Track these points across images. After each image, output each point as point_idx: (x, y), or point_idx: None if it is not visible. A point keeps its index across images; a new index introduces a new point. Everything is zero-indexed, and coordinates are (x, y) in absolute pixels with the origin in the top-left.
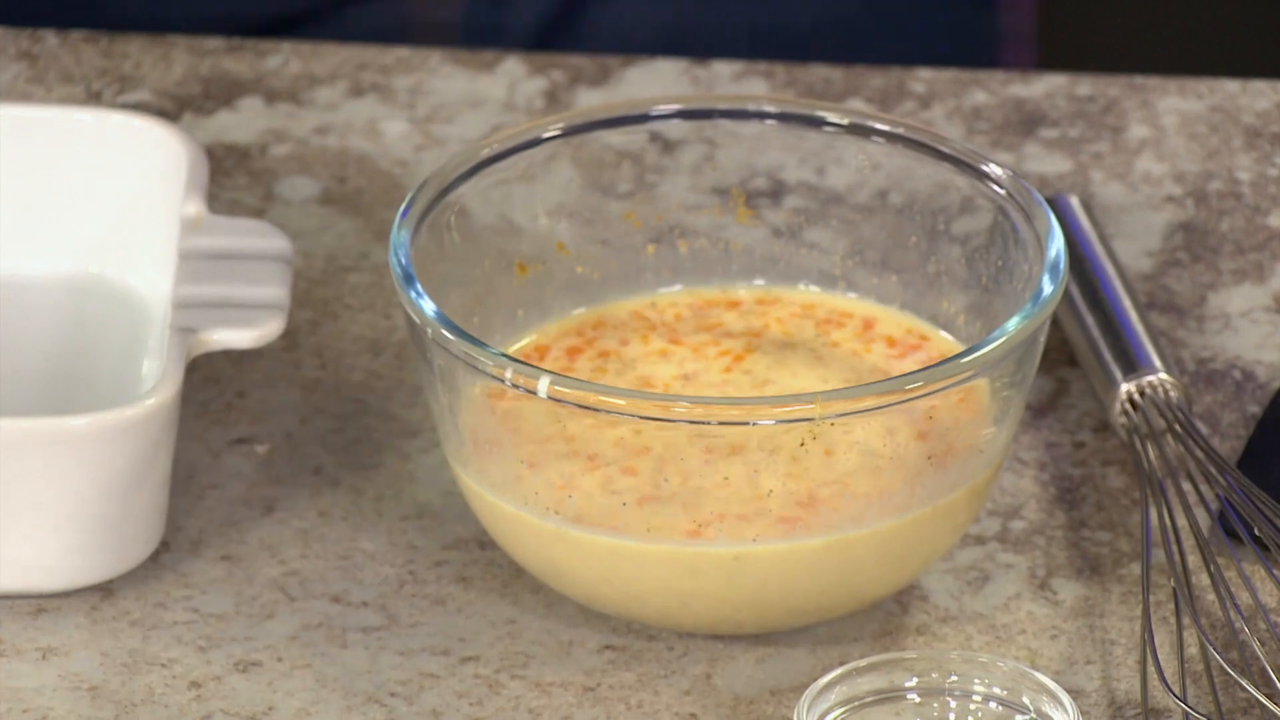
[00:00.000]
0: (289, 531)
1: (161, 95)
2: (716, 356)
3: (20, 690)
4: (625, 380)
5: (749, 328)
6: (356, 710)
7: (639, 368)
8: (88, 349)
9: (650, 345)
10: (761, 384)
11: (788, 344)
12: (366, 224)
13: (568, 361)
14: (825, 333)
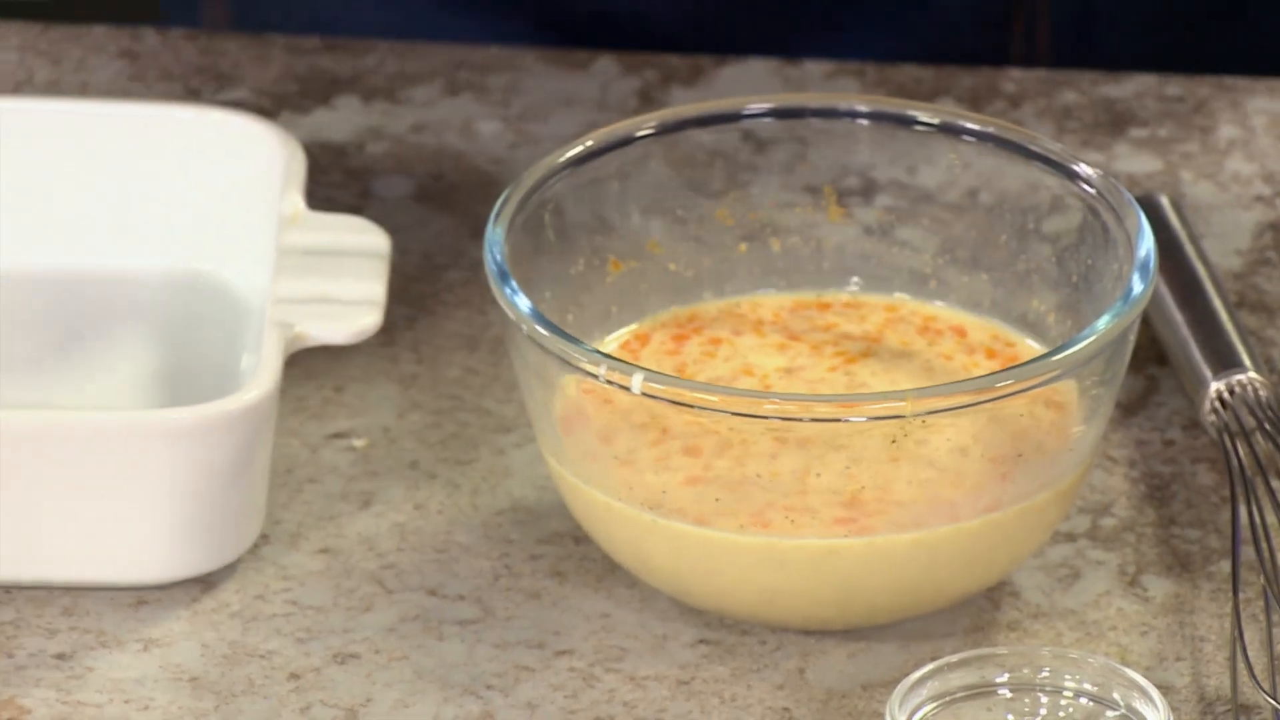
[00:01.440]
0: (386, 525)
1: (259, 93)
2: (831, 355)
3: (122, 681)
4: (730, 367)
5: (865, 333)
6: (453, 702)
7: (747, 356)
8: (188, 344)
9: (765, 338)
10: (857, 386)
11: (903, 353)
12: (462, 221)
13: (674, 345)
14: (934, 342)
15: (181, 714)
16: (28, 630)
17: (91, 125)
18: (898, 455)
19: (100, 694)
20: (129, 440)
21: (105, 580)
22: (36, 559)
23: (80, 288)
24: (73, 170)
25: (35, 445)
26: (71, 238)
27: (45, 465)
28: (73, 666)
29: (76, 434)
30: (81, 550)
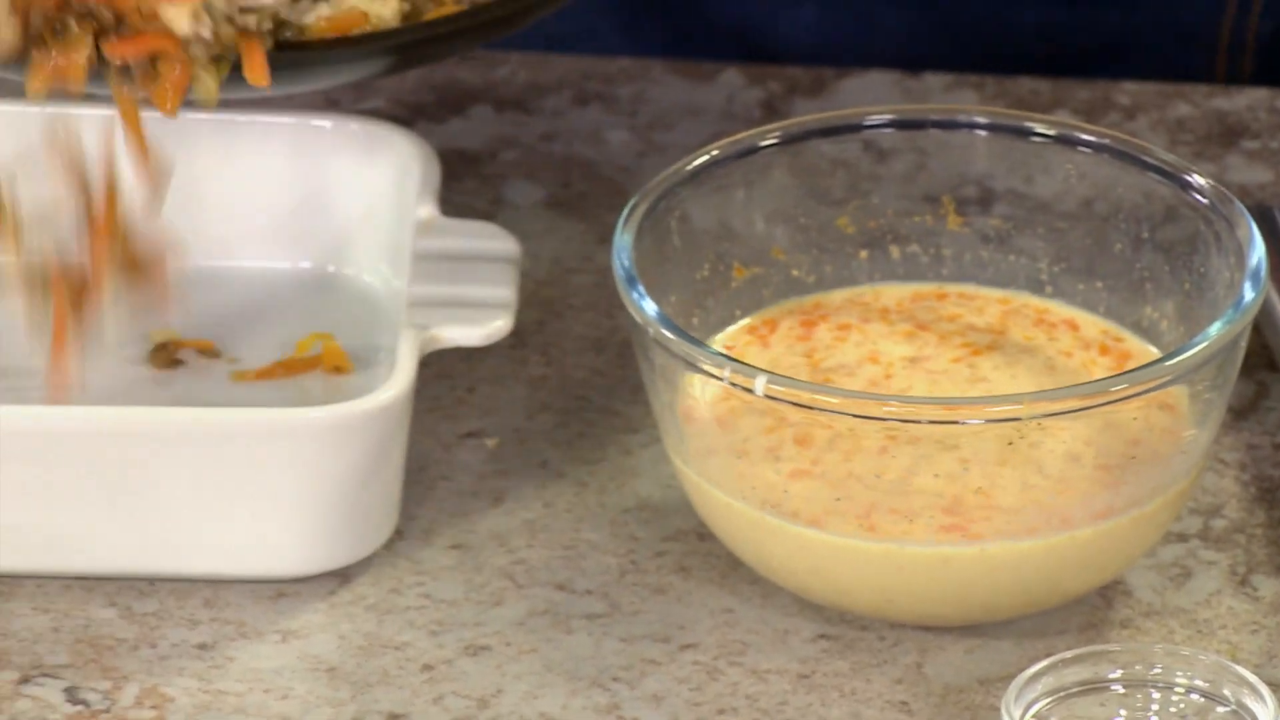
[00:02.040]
0: (516, 522)
1: (396, 103)
2: (958, 345)
3: (261, 671)
4: (859, 353)
5: (989, 325)
6: (581, 694)
7: (876, 343)
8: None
9: (893, 326)
10: (978, 380)
11: (1025, 349)
12: (590, 227)
13: (804, 331)
14: (1053, 337)
15: (319, 703)
16: (171, 621)
17: (237, 134)
18: (1010, 459)
19: (240, 683)
20: (271, 437)
21: (246, 573)
22: (179, 552)
23: (227, 288)
24: (220, 177)
25: (179, 442)
26: (219, 241)
27: (189, 461)
28: (214, 656)
29: (219, 431)
30: (223, 544)
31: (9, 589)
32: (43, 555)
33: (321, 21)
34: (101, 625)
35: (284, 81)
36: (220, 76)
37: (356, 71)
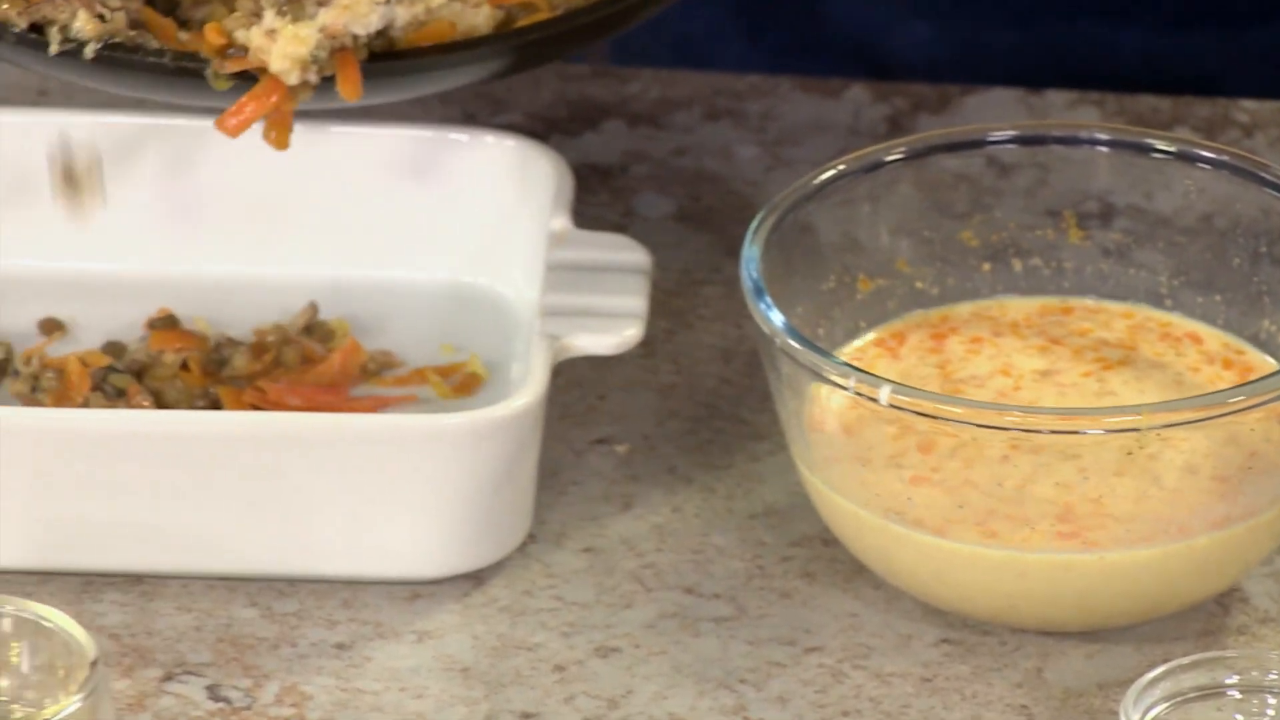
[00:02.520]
0: (646, 526)
1: (532, 117)
2: (1090, 360)
3: (398, 670)
4: (991, 365)
5: (1120, 340)
6: (708, 695)
7: (1010, 356)
8: (463, 353)
9: (1026, 340)
10: (1107, 394)
11: (1155, 364)
12: (719, 240)
13: (934, 343)
14: (1181, 352)
15: (453, 702)
16: (310, 621)
17: (377, 147)
18: (1128, 469)
19: (377, 682)
20: (407, 443)
21: (383, 575)
22: (319, 554)
23: (365, 298)
24: (359, 189)
25: (319, 447)
26: (358, 251)
27: (328, 465)
28: (352, 656)
29: (358, 436)
30: (361, 546)
31: (154, 589)
32: (187, 556)
33: (412, 31)
34: (243, 625)
35: (375, 92)
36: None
37: (450, 80)
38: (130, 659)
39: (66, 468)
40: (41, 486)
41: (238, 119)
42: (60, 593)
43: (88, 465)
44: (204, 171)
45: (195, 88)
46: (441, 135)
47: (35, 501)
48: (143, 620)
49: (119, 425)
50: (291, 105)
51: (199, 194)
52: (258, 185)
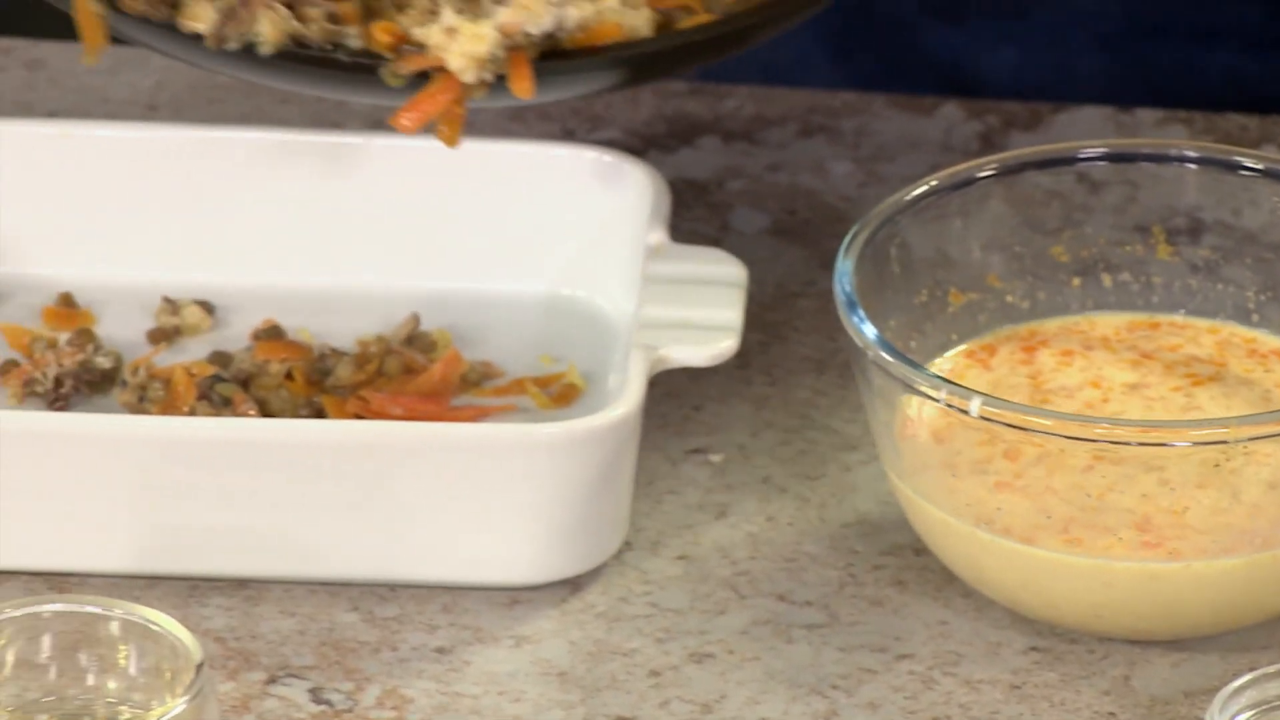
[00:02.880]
0: (740, 535)
1: (629, 133)
2: (1180, 375)
3: (496, 674)
4: (1082, 377)
5: (1210, 356)
6: (800, 701)
7: (1101, 369)
8: (560, 364)
9: (1117, 354)
10: (1193, 409)
11: (1244, 380)
12: (813, 254)
13: (1025, 355)
14: (1270, 369)
15: (550, 706)
16: (410, 626)
17: (480, 162)
18: (1211, 482)
19: (476, 686)
20: (507, 452)
21: (482, 580)
22: (419, 560)
23: (466, 309)
24: (461, 202)
25: (420, 455)
26: (460, 263)
27: (429, 473)
28: (451, 660)
29: (458, 445)
30: (461, 552)
31: (258, 593)
32: (291, 561)
33: (577, 32)
34: (345, 629)
35: (542, 90)
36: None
37: (611, 79)
38: (235, 662)
39: (173, 475)
40: (149, 493)
41: (413, 116)
42: (167, 597)
43: (194, 472)
44: (307, 185)
45: (368, 85)
46: (542, 150)
47: (143, 508)
48: (247, 624)
49: (225, 433)
50: (465, 102)
51: (303, 207)
52: (361, 199)
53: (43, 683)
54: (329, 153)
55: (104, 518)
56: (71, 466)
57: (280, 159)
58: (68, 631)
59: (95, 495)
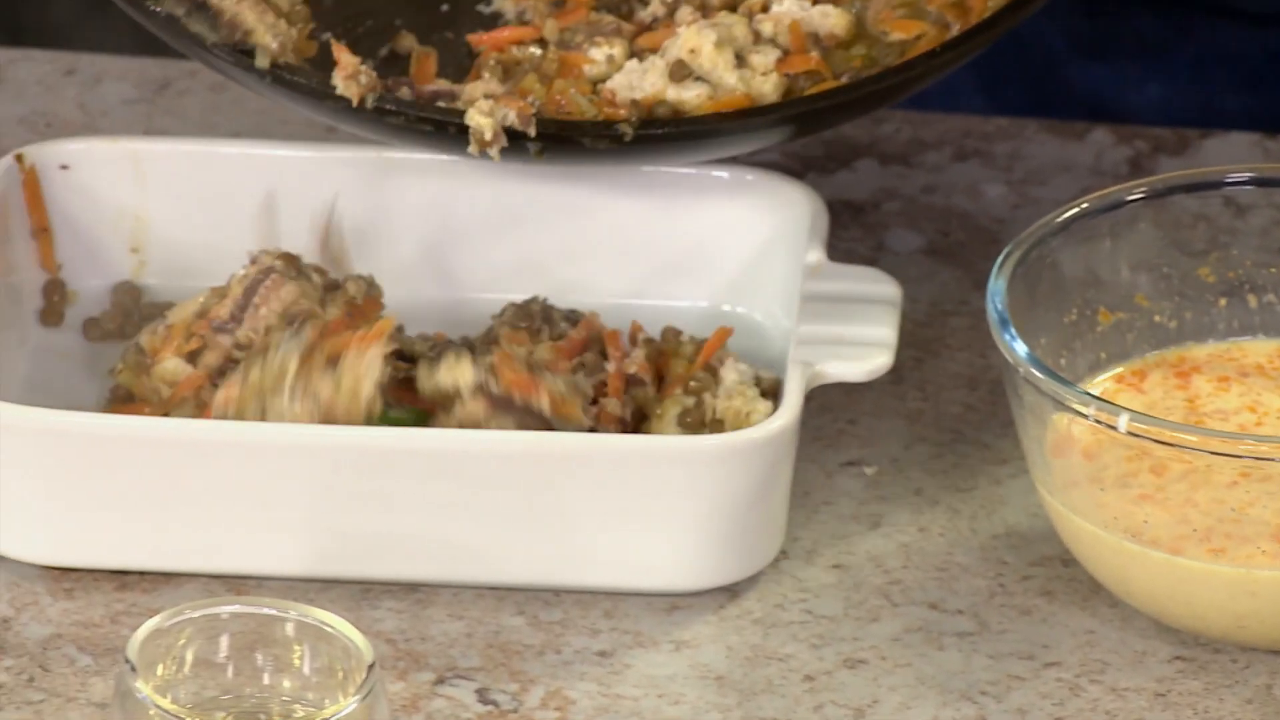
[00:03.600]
0: (892, 545)
1: (789, 156)
2: None
3: (656, 677)
4: (1240, 401)
5: None
6: (950, 706)
7: (1259, 395)
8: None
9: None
10: None
11: None
12: (966, 274)
13: (1179, 380)
14: None
15: (708, 709)
16: (574, 630)
17: (646, 184)
18: None
19: (636, 688)
20: (668, 463)
21: (643, 587)
22: (583, 566)
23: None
24: (629, 222)
25: (586, 465)
26: (629, 280)
27: (595, 482)
28: (612, 663)
29: (622, 455)
30: (623, 559)
31: (428, 597)
32: (460, 566)
33: (705, 102)
34: (511, 632)
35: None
36: None
37: (738, 146)
38: (405, 663)
39: (348, 483)
40: (324, 500)
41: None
42: (340, 600)
43: (368, 480)
44: (479, 207)
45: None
46: (705, 173)
47: (318, 514)
48: (417, 626)
49: (398, 443)
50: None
51: (476, 225)
52: (532, 220)
53: (220, 681)
54: (503, 172)
55: (281, 523)
56: (250, 474)
57: (454, 177)
58: (245, 632)
59: (273, 502)
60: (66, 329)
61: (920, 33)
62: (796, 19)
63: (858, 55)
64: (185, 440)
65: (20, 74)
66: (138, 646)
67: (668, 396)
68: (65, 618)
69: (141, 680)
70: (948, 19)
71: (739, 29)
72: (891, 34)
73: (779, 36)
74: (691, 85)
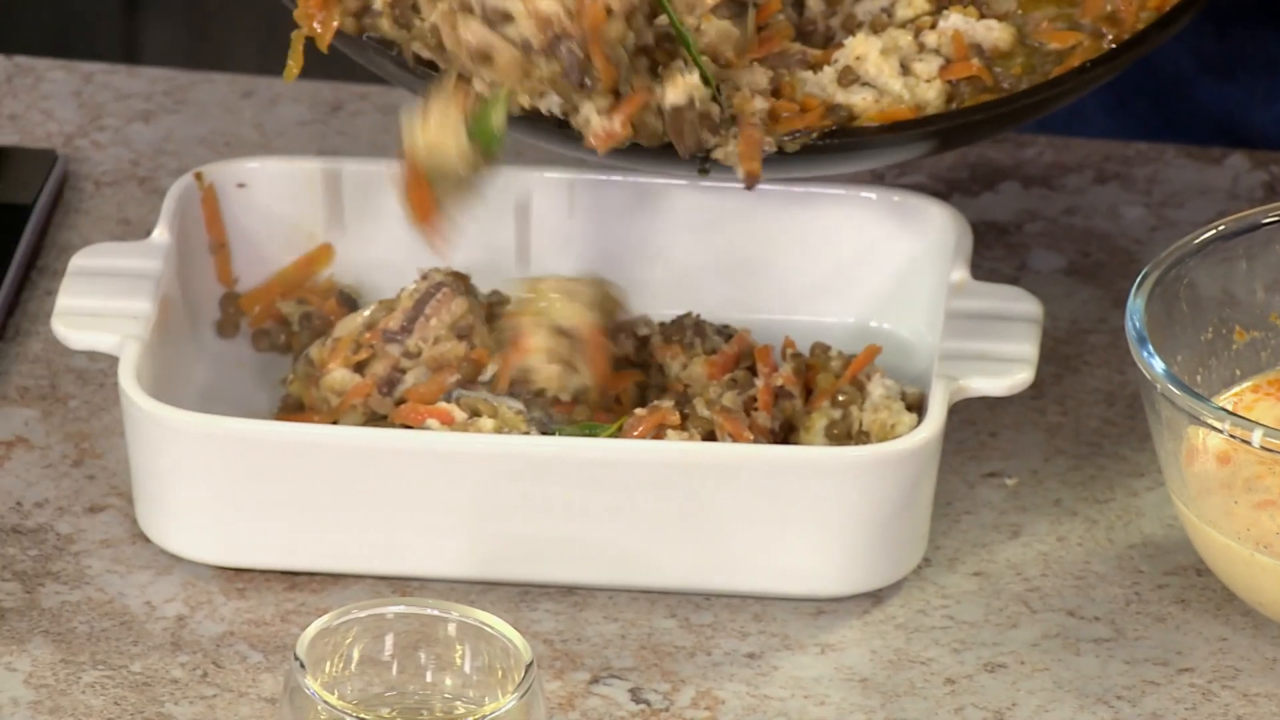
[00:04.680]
0: (1031, 554)
1: (935, 178)
2: None
3: (803, 679)
4: None
5: None
6: (1087, 710)
7: None
8: None
9: None
10: None
11: None
12: (1106, 293)
13: None
14: None
15: (852, 710)
16: (724, 632)
17: (797, 204)
18: None
19: (783, 689)
20: (816, 472)
21: (790, 592)
22: (734, 571)
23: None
24: (780, 240)
25: (738, 474)
26: (777, 296)
27: (745, 491)
28: (760, 665)
29: (772, 465)
30: (772, 565)
31: (584, 599)
32: (615, 570)
33: (872, 110)
34: (663, 634)
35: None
36: None
37: (902, 154)
38: (561, 663)
39: (508, 489)
40: (485, 506)
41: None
42: (500, 601)
43: (527, 487)
44: (636, 227)
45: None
46: (853, 194)
47: (480, 519)
48: (573, 628)
49: (556, 451)
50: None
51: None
52: (686, 239)
53: (385, 678)
54: (657, 193)
55: (445, 528)
56: (416, 480)
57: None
58: (409, 631)
59: (437, 507)
60: (241, 340)
61: (1076, 42)
62: (960, 30)
63: (1017, 64)
64: (354, 447)
65: (201, 96)
66: (307, 644)
67: (815, 409)
68: (238, 616)
69: (310, 677)
70: (1102, 29)
71: (904, 39)
72: (1049, 44)
73: (942, 47)
74: (858, 90)
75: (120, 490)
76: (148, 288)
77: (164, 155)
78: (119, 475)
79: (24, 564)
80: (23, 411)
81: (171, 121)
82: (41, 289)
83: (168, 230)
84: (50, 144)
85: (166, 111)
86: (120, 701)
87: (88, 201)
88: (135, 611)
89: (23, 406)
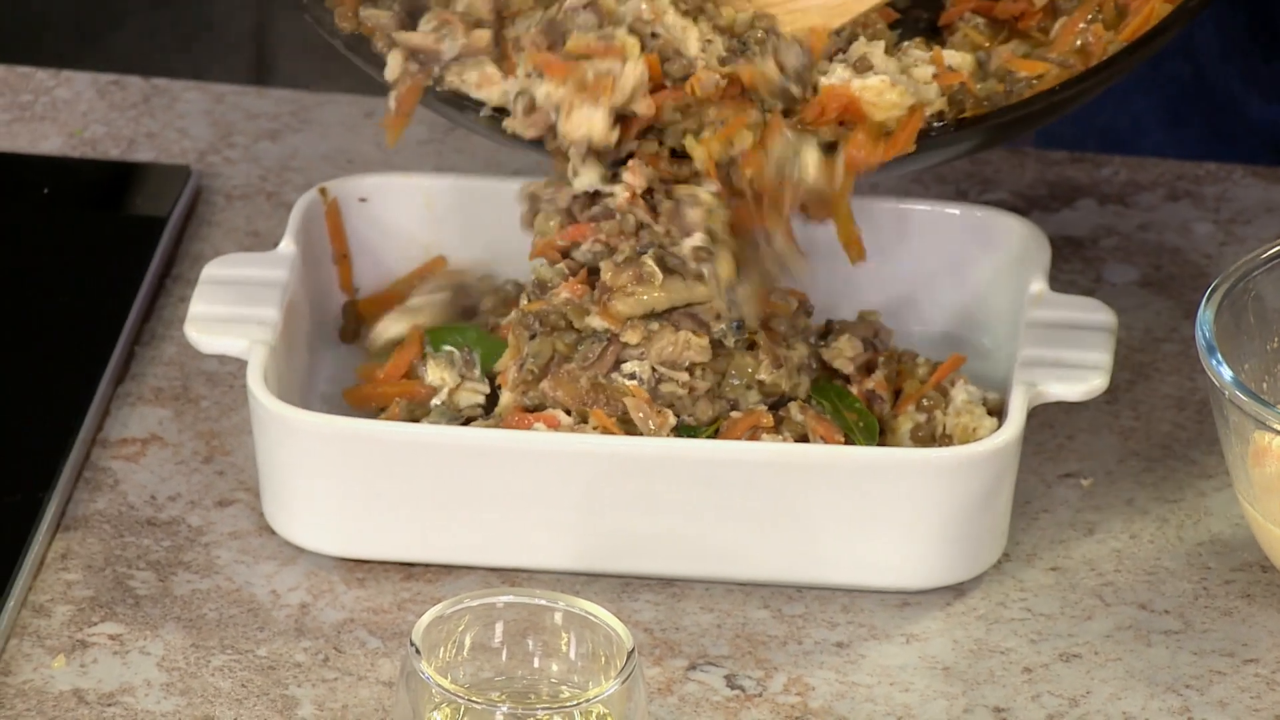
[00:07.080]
0: (1106, 550)
1: (1015, 195)
2: None
3: (888, 667)
4: None
5: None
6: (1157, 698)
7: None
8: None
9: None
10: None
11: None
12: (1177, 304)
13: None
14: None
15: (935, 696)
16: (814, 623)
17: (884, 218)
18: None
19: (870, 677)
20: (903, 472)
21: (877, 584)
22: (824, 565)
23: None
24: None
25: (829, 473)
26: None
27: (836, 489)
28: (848, 654)
29: (860, 466)
30: (860, 559)
31: (682, 591)
32: (711, 563)
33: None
34: (756, 624)
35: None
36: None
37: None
38: (660, 650)
39: (612, 486)
40: (591, 501)
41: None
42: (603, 592)
43: (631, 484)
44: None
45: None
46: (938, 209)
47: (586, 515)
48: (672, 617)
49: (659, 451)
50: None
51: None
52: None
53: (495, 664)
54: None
55: (552, 522)
56: (527, 478)
57: None
58: (517, 620)
59: (546, 503)
60: (362, 345)
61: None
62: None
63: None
64: (469, 447)
65: (325, 116)
66: (422, 631)
67: (902, 413)
68: (357, 604)
69: (425, 662)
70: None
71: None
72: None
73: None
74: (873, 76)
75: (248, 485)
76: (275, 296)
77: (290, 171)
78: (246, 471)
79: (158, 554)
80: (157, 411)
81: (297, 140)
82: (175, 296)
83: (293, 242)
84: (184, 160)
85: (293, 130)
86: (247, 684)
87: (219, 214)
88: (261, 599)
89: (157, 406)
